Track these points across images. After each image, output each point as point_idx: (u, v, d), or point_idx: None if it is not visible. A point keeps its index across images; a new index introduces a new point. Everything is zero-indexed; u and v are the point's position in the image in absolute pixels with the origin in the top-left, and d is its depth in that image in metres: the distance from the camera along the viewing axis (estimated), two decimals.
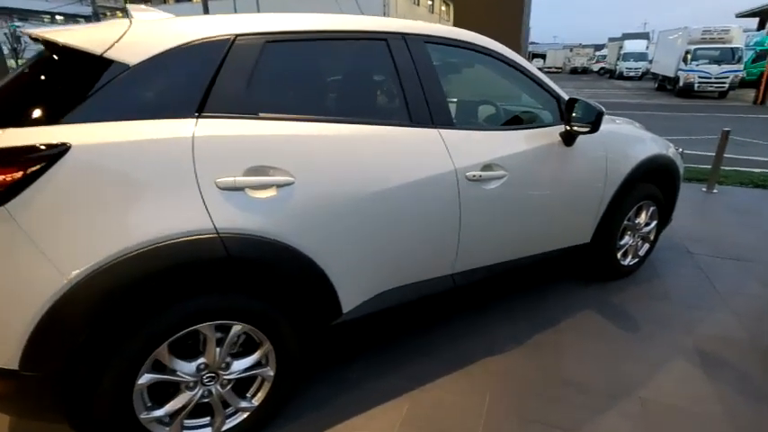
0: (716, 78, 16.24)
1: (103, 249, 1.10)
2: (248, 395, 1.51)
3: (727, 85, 16.25)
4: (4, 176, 1.03)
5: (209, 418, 1.44)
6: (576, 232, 2.29)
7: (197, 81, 1.27)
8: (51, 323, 1.08)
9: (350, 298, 1.59)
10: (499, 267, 2.03)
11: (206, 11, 19.03)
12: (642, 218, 2.64)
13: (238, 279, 1.34)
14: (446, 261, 1.81)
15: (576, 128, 1.94)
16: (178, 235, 1.18)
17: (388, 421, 1.63)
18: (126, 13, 1.38)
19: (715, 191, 4.64)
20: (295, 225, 1.36)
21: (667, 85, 19.18)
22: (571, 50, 44.42)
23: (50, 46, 1.19)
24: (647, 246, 2.78)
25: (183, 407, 1.36)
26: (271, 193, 1.32)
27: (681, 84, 16.80)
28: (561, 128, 2.01)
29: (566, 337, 2.14)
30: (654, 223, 2.73)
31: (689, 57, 16.80)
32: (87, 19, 50.88)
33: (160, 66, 1.24)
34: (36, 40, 1.20)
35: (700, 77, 16.35)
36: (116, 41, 1.20)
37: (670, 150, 2.65)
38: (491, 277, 2.03)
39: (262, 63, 1.38)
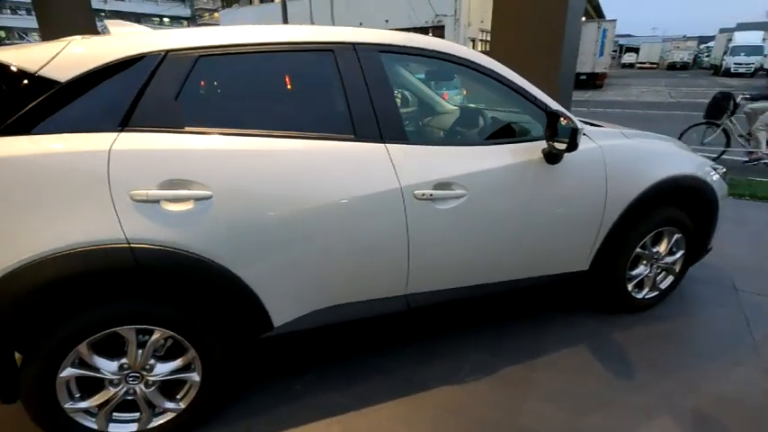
0: None
1: (16, 253, 1.20)
2: (177, 397, 1.56)
3: None
4: None
5: (138, 414, 1.52)
6: (567, 258, 2.06)
7: (123, 96, 1.33)
8: None
9: (282, 312, 1.58)
10: (469, 291, 1.89)
11: (284, 11, 20.04)
12: (662, 246, 2.30)
13: (152, 287, 1.39)
14: (396, 281, 1.72)
15: (554, 145, 1.73)
16: (89, 243, 1.25)
17: None
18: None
19: None
20: (212, 238, 1.38)
21: None
22: (670, 43, 39.94)
23: None
24: (670, 278, 2.42)
25: (107, 401, 1.45)
26: (186, 206, 1.34)
27: None
28: (544, 144, 1.81)
29: (542, 374, 1.94)
30: (679, 253, 2.36)
31: None
32: (188, 20, 56.26)
33: (89, 82, 1.31)
34: None
35: None
36: (51, 59, 1.30)
37: (704, 171, 2.27)
38: (459, 301, 1.90)
39: (193, 77, 1.41)
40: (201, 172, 1.36)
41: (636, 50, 44.40)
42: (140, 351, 1.44)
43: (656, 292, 2.40)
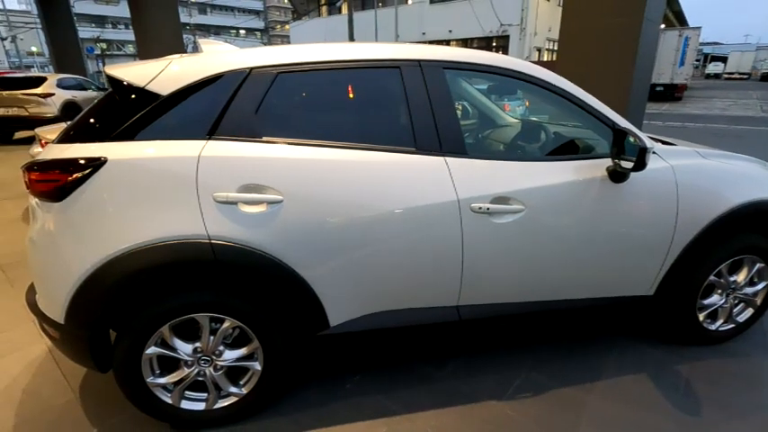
0: None
1: (117, 243, 1.39)
2: (241, 383, 1.70)
3: None
4: (60, 179, 1.38)
5: (206, 395, 1.68)
6: (630, 282, 1.97)
7: (212, 108, 1.50)
8: (81, 294, 1.42)
9: (338, 313, 1.67)
10: (523, 307, 1.88)
11: (350, 24, 20.76)
12: (741, 275, 2.12)
13: (226, 280, 1.53)
14: (448, 292, 1.76)
15: (620, 163, 1.68)
16: (177, 237, 1.42)
17: None
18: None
19: None
20: (280, 239, 1.50)
21: None
22: (765, 52, 36.19)
23: (112, 80, 1.53)
24: (750, 311, 2.23)
25: (182, 380, 1.62)
26: (260, 208, 1.48)
27: None
28: (609, 161, 1.76)
29: (596, 399, 1.87)
30: (763, 285, 2.17)
31: None
32: (261, 32, 59.94)
33: (185, 96, 1.50)
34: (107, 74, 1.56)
35: None
36: (156, 76, 1.50)
37: None
38: (512, 316, 1.89)
39: (272, 92, 1.55)
40: (275, 178, 1.49)
41: (723, 60, 40.73)
42: (212, 337, 1.59)
43: (732, 325, 2.22)
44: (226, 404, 1.69)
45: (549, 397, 1.88)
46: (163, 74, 1.50)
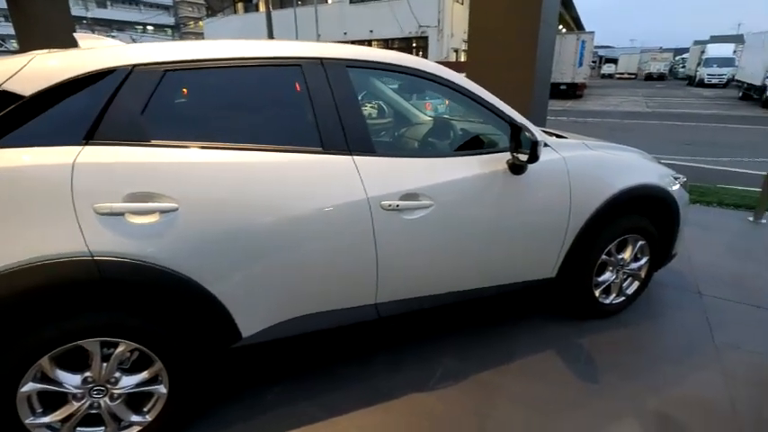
0: None
1: None
2: (144, 410, 1.55)
3: None
4: None
5: (103, 428, 1.51)
6: (534, 266, 2.11)
7: (88, 110, 1.34)
8: None
9: (250, 323, 1.59)
10: (439, 299, 1.93)
11: (269, 22, 20.09)
12: (627, 253, 2.38)
13: (117, 300, 1.39)
14: (365, 291, 1.75)
15: (518, 156, 1.79)
16: (52, 256, 1.25)
17: None
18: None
19: (763, 221, 4.07)
20: (178, 250, 1.39)
21: (753, 94, 17.18)
22: (647, 55, 41.17)
23: None
24: (636, 284, 2.50)
25: (70, 416, 1.44)
26: (152, 218, 1.36)
27: None
28: (509, 155, 1.86)
29: (511, 379, 1.98)
30: (645, 259, 2.45)
31: None
32: (172, 29, 55.87)
33: (54, 96, 1.32)
34: None
35: None
36: (14, 74, 1.30)
37: (665, 180, 2.36)
38: (430, 309, 1.93)
39: (160, 91, 1.42)
40: (167, 185, 1.37)
41: (615, 61, 45.63)
42: (105, 364, 1.43)
43: (623, 298, 2.48)
44: None
45: (469, 383, 1.96)
46: (23, 71, 1.31)
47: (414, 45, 21.05)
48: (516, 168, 1.85)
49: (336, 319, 1.75)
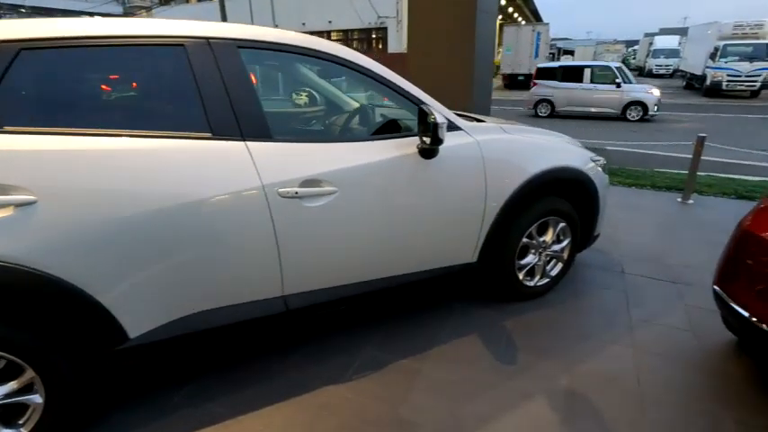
0: (747, 77, 15.18)
1: None
2: (20, 422, 1.43)
3: (759, 84, 15.17)
4: None
5: None
6: (453, 252, 2.10)
7: None
8: None
9: (138, 322, 1.48)
10: (353, 289, 1.88)
11: (223, 11, 19.37)
12: (549, 235, 2.41)
13: None
14: (269, 283, 1.68)
15: (426, 140, 1.75)
16: None
17: None
18: None
19: (690, 201, 4.28)
20: (40, 247, 1.27)
21: (695, 83, 18.12)
22: (602, 46, 42.67)
23: None
24: (560, 265, 2.55)
25: None
26: (5, 212, 1.23)
27: (708, 82, 15.80)
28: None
29: (430, 365, 1.96)
30: (567, 241, 2.49)
31: (718, 53, 15.79)
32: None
33: None
34: None
35: (729, 75, 15.32)
36: None
37: (582, 162, 2.40)
38: (344, 299, 1.88)
39: (13, 72, 1.29)
40: (22, 175, 1.24)
41: (572, 53, 47.09)
42: None
43: (547, 279, 2.52)
44: None
45: (388, 371, 1.93)
46: None
47: (373, 36, 20.90)
48: (426, 152, 1.82)
49: (241, 314, 1.67)
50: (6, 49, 1.29)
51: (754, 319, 1.63)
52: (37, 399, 1.41)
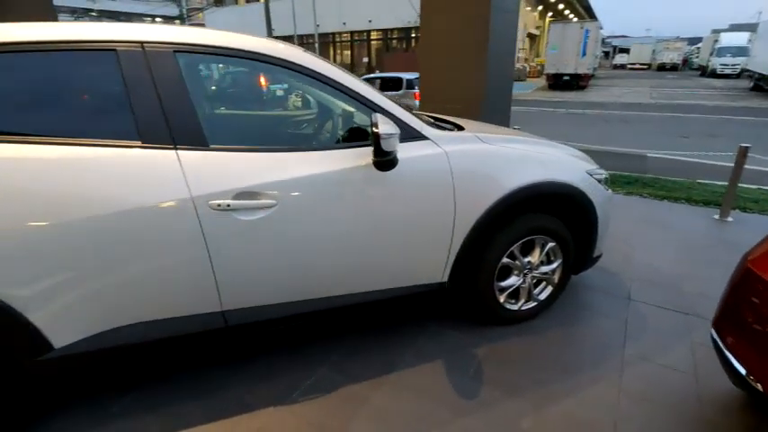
0: None
1: None
2: None
3: None
4: None
5: None
6: (417, 271, 1.94)
7: None
8: None
9: (63, 333, 1.46)
10: (302, 306, 1.78)
11: (267, 11, 19.91)
12: (535, 256, 2.19)
13: None
14: (205, 298, 1.61)
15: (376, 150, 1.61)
16: None
17: None
18: None
19: (729, 219, 3.82)
20: None
21: (764, 84, 16.51)
22: (662, 44, 39.94)
23: None
24: (549, 288, 2.31)
25: None
26: None
27: None
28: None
29: (382, 393, 1.82)
30: (558, 263, 2.26)
31: None
32: (181, 20, 56.00)
33: None
34: None
35: None
36: None
37: (576, 176, 2.15)
38: (293, 316, 1.78)
39: None
40: None
41: (627, 51, 44.43)
42: None
43: (534, 303, 2.29)
44: None
45: (335, 396, 1.81)
46: None
47: (412, 35, 20.68)
48: (378, 164, 1.67)
49: (177, 328, 1.61)
50: None
51: (751, 377, 1.36)
52: None
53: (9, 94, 1.38)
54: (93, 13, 46.05)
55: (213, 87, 2.25)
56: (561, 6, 36.69)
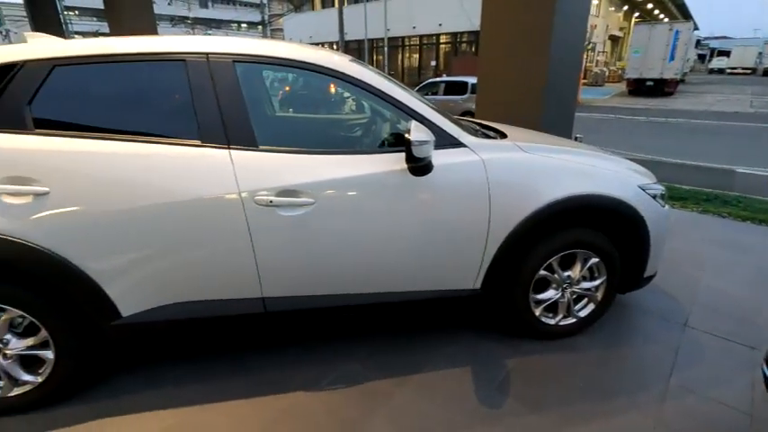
0: None
1: None
2: (39, 371, 1.73)
3: None
4: None
5: (1, 382, 1.71)
6: (448, 276, 1.96)
7: None
8: None
9: (130, 303, 1.69)
10: (335, 300, 1.88)
11: (341, 17, 20.64)
12: (576, 270, 2.11)
13: None
14: (248, 284, 1.77)
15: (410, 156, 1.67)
16: None
17: (149, 428, 1.69)
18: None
19: None
20: (48, 231, 1.52)
21: None
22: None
23: None
24: (591, 306, 2.22)
25: None
26: (25, 200, 1.50)
27: None
28: None
29: (405, 392, 1.88)
30: (601, 279, 2.16)
31: None
32: (263, 25, 59.78)
33: None
34: None
35: None
36: None
37: (626, 190, 2.05)
38: (327, 309, 1.90)
39: (48, 85, 1.56)
40: (39, 170, 1.51)
41: (728, 54, 39.99)
42: None
43: (574, 320, 2.21)
44: (21, 392, 1.72)
45: (359, 389, 1.90)
46: None
47: None
48: (413, 170, 1.73)
49: (222, 309, 1.79)
50: (43, 66, 1.57)
51: None
52: (50, 354, 1.69)
53: (101, 99, 1.64)
54: (189, 21, 50.71)
55: (269, 92, 2.44)
56: (650, 6, 33.98)
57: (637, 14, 34.80)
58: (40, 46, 1.61)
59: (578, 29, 4.20)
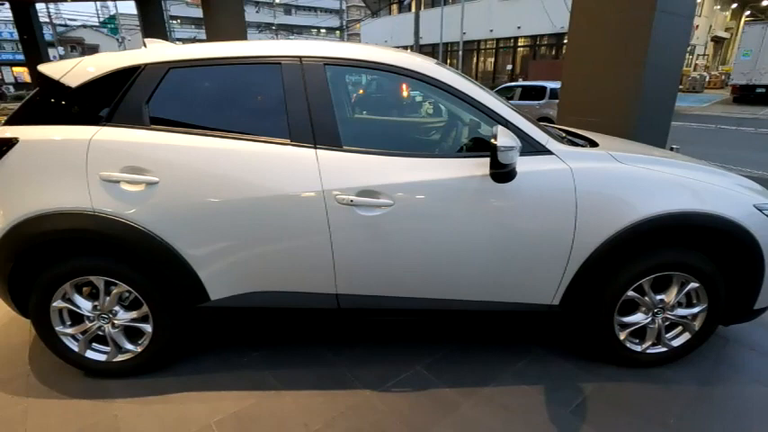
0: None
1: (25, 210, 1.68)
2: (139, 342, 1.93)
3: None
4: None
5: (108, 348, 1.93)
6: (525, 288, 1.87)
7: (108, 99, 1.73)
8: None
9: (218, 288, 1.82)
10: (403, 302, 1.88)
11: (417, 21, 20.77)
12: (671, 295, 1.92)
13: (111, 248, 1.75)
14: (324, 279, 1.83)
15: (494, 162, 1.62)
16: (68, 209, 1.67)
17: (227, 405, 1.81)
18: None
19: None
20: (155, 216, 1.69)
21: None
22: None
23: (40, 74, 1.82)
24: (686, 335, 2.00)
25: (85, 332, 1.88)
26: (139, 188, 1.68)
27: None
28: None
29: (473, 403, 1.82)
30: (701, 307, 1.94)
31: None
32: (340, 31, 62.05)
33: (88, 88, 1.74)
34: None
35: None
36: (68, 71, 1.75)
37: (738, 209, 1.82)
38: (395, 310, 1.91)
39: (163, 85, 1.74)
40: (152, 162, 1.68)
41: None
42: (107, 298, 1.83)
43: (664, 349, 2.01)
44: (123, 358, 1.93)
45: (426, 395, 1.88)
46: (75, 69, 1.76)
47: (564, 41, 19.27)
48: (495, 176, 1.68)
49: (298, 301, 1.87)
50: (160, 68, 1.74)
51: None
52: (148, 328, 1.88)
53: (207, 98, 1.79)
54: (273, 27, 54.03)
55: (356, 94, 2.52)
56: (766, 2, 30.05)
57: (747, 13, 30.98)
58: (157, 50, 1.79)
59: (680, 29, 3.83)
